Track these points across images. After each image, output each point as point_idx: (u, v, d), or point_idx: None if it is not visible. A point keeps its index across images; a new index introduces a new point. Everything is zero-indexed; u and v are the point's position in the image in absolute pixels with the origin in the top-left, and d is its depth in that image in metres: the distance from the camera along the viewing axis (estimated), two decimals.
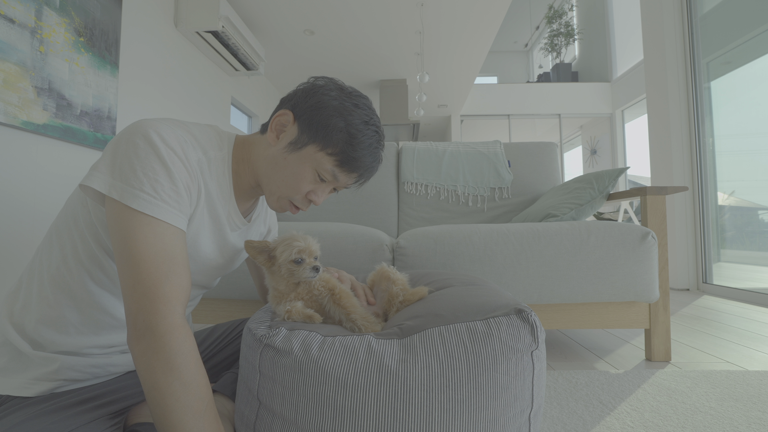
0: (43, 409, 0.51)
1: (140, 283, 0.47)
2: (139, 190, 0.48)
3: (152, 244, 0.48)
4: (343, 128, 0.61)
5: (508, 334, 0.49)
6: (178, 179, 0.52)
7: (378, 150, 0.67)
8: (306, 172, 0.62)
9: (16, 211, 1.78)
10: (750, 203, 2.66)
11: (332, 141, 0.61)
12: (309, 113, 0.61)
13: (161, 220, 0.49)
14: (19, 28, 1.70)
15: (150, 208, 0.48)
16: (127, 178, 0.49)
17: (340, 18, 3.82)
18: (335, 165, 0.62)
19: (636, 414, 0.89)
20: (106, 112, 2.25)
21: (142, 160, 0.50)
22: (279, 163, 0.63)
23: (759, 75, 2.51)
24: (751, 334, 1.59)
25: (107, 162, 0.51)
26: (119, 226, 0.49)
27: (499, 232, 1.20)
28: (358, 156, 0.63)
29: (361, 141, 0.62)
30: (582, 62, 7.48)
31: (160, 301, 0.46)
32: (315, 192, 0.65)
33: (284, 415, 0.49)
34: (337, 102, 0.62)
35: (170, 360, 0.45)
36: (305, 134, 0.62)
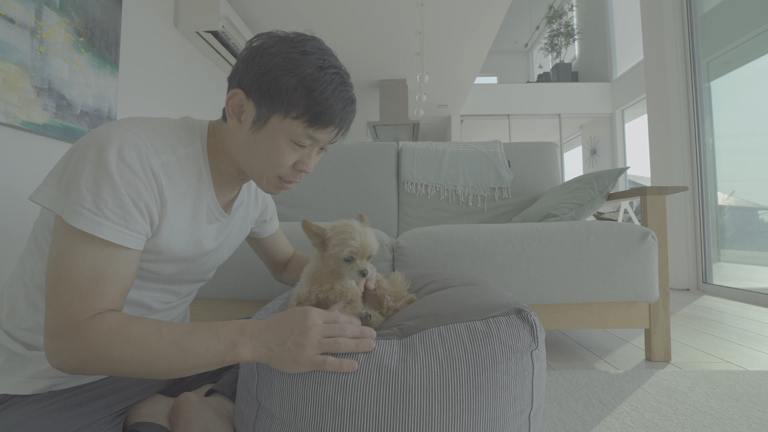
0: (43, 407, 0.50)
1: (61, 300, 0.46)
2: (80, 207, 0.47)
3: (80, 262, 0.47)
4: (297, 84, 0.54)
5: (507, 334, 0.49)
6: (125, 195, 0.49)
7: (345, 92, 0.59)
8: (281, 145, 0.58)
9: (16, 211, 1.78)
10: (750, 203, 2.66)
11: (292, 103, 0.55)
12: (257, 83, 0.55)
13: (98, 238, 0.48)
14: (19, 28, 1.70)
15: (89, 226, 0.47)
16: (71, 193, 0.48)
17: (339, 18, 3.82)
18: (306, 127, 0.57)
19: (636, 414, 0.89)
20: (106, 112, 2.25)
21: (87, 175, 0.48)
22: (251, 147, 0.59)
23: (759, 75, 2.51)
24: (751, 334, 1.59)
25: (56, 174, 0.50)
26: (55, 240, 0.48)
27: (499, 232, 1.20)
28: (325, 108, 0.56)
29: (323, 90, 0.55)
30: (582, 62, 7.48)
31: (75, 314, 0.46)
32: (301, 161, 0.61)
33: (283, 417, 0.49)
34: (280, 58, 0.55)
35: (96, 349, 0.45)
36: (263, 107, 0.56)
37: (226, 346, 0.47)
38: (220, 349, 0.47)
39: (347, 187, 1.81)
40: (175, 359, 0.46)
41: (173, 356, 0.46)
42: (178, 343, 0.46)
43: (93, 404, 0.55)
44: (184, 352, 0.46)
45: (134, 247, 0.52)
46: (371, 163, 1.86)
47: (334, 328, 0.49)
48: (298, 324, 0.48)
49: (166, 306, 0.68)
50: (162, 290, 0.66)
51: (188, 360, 0.46)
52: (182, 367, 0.47)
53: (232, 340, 0.47)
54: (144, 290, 0.62)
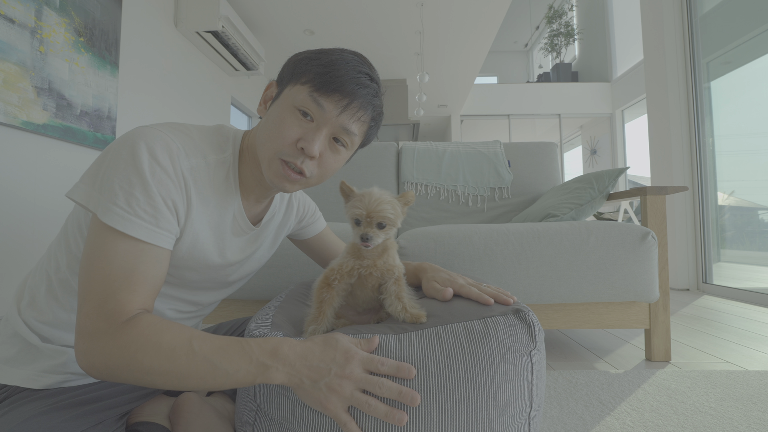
0: (53, 404, 0.50)
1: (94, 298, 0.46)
2: (113, 204, 0.47)
3: (112, 260, 0.47)
4: (306, 57, 0.58)
5: (505, 334, 0.49)
6: (156, 194, 0.50)
7: (358, 64, 0.58)
8: (287, 115, 0.56)
9: (16, 210, 1.78)
10: (750, 203, 2.67)
11: (303, 71, 0.57)
12: (284, 70, 0.60)
13: (130, 236, 0.48)
14: (19, 28, 1.70)
15: (121, 223, 0.47)
16: (104, 190, 0.48)
17: (339, 18, 3.82)
18: (312, 90, 0.55)
19: (636, 414, 0.89)
20: (106, 112, 2.25)
21: (121, 173, 0.49)
22: (262, 125, 0.60)
23: (759, 75, 2.51)
24: (751, 334, 1.59)
25: (92, 172, 0.51)
26: (90, 237, 0.49)
27: (499, 232, 1.20)
28: (332, 71, 0.55)
29: (335, 60, 0.56)
30: (582, 62, 7.48)
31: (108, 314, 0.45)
32: (304, 138, 0.56)
33: (281, 421, 0.49)
34: (308, 51, 0.60)
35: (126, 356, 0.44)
36: (281, 85, 0.60)
37: (257, 369, 0.45)
38: (251, 370, 0.44)
39: None
40: (205, 376, 0.44)
41: (203, 373, 0.44)
42: (209, 360, 0.44)
43: (100, 404, 0.55)
44: (215, 370, 0.44)
45: (165, 246, 0.52)
46: (371, 163, 1.86)
47: (371, 383, 0.45)
48: (337, 365, 0.45)
49: (180, 315, 0.67)
50: (180, 299, 0.64)
51: (218, 378, 0.44)
52: (211, 384, 0.45)
53: (264, 363, 0.45)
54: (161, 296, 0.61)
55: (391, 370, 0.46)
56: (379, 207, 0.57)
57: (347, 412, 0.45)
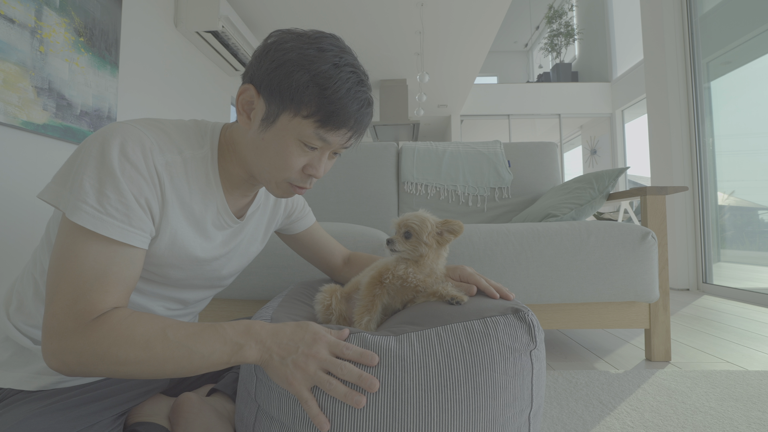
0: (48, 405, 0.50)
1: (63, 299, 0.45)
2: (83, 203, 0.46)
3: (83, 260, 0.46)
4: (310, 81, 0.51)
5: (505, 334, 0.49)
6: (128, 192, 0.49)
7: (361, 92, 0.55)
8: (290, 146, 0.55)
9: (16, 210, 1.78)
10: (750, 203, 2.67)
11: (303, 101, 0.52)
12: (268, 78, 0.52)
13: (101, 235, 0.47)
14: (19, 28, 1.70)
15: (92, 222, 0.46)
16: (75, 189, 0.47)
17: (339, 18, 3.82)
18: (317, 127, 0.53)
19: (636, 414, 0.89)
20: (106, 112, 2.25)
21: (91, 172, 0.47)
22: (259, 146, 0.56)
23: (759, 75, 2.51)
24: (751, 334, 1.59)
25: (63, 172, 0.50)
26: (59, 237, 0.48)
27: (499, 232, 1.20)
28: (338, 108, 0.52)
29: (337, 88, 0.52)
30: (582, 62, 7.48)
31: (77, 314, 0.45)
32: (311, 165, 0.57)
33: (282, 420, 0.49)
34: (295, 53, 0.52)
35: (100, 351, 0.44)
36: (273, 104, 0.53)
37: (232, 348, 0.47)
38: (225, 350, 0.46)
39: (347, 187, 1.81)
40: (181, 361, 0.46)
41: (179, 359, 0.46)
42: (184, 345, 0.46)
43: (96, 404, 0.55)
44: (191, 354, 0.46)
45: (139, 246, 0.51)
46: (371, 163, 1.86)
47: (334, 364, 0.47)
48: (305, 344, 0.47)
49: (171, 313, 0.67)
50: (167, 298, 0.64)
51: (194, 362, 0.46)
52: (188, 369, 0.46)
53: (237, 342, 0.47)
54: (148, 296, 0.61)
55: (354, 356, 0.48)
56: (407, 218, 0.64)
57: (310, 391, 0.46)
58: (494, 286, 0.65)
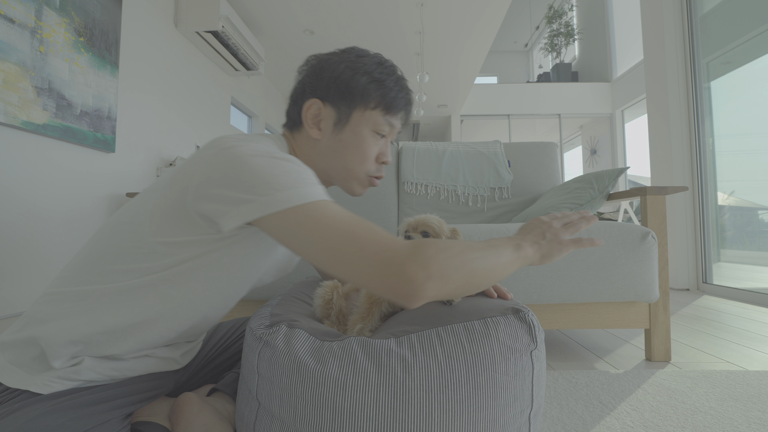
0: (59, 403, 0.50)
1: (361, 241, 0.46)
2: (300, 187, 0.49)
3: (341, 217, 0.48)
4: (368, 80, 0.63)
5: (506, 334, 0.49)
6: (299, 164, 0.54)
7: (402, 79, 0.68)
8: (366, 137, 0.64)
9: (16, 210, 1.78)
10: (750, 203, 2.67)
11: (369, 96, 0.63)
12: (333, 88, 0.63)
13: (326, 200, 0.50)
14: (19, 28, 1.70)
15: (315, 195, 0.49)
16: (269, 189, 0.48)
17: (339, 18, 3.82)
18: (384, 114, 0.65)
19: (636, 414, 0.89)
20: (106, 111, 2.25)
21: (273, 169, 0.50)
22: (337, 148, 0.64)
23: (759, 75, 2.51)
24: (751, 334, 1.59)
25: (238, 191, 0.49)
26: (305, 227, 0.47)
27: (499, 232, 1.20)
28: (394, 95, 0.65)
29: (389, 81, 0.65)
30: (582, 62, 7.48)
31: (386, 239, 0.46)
32: (382, 153, 0.68)
33: (283, 417, 0.49)
34: (344, 65, 0.63)
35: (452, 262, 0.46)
36: (343, 107, 0.63)
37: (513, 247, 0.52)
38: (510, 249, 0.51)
39: None
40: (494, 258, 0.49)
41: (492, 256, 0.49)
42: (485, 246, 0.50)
43: (105, 404, 0.54)
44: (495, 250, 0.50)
45: None
46: None
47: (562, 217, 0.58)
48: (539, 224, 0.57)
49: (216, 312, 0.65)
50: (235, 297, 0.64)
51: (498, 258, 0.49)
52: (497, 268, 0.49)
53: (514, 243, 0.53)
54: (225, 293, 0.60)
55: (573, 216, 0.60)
56: (426, 219, 0.67)
57: None
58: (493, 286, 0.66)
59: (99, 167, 2.24)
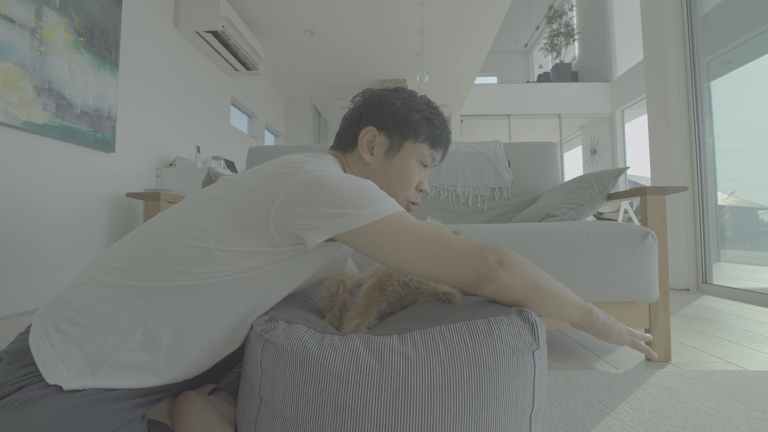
0: (86, 396, 0.49)
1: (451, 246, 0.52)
2: (378, 203, 0.55)
3: (422, 226, 0.55)
4: (420, 118, 0.73)
5: (509, 333, 0.49)
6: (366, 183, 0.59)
7: (446, 121, 0.78)
8: (413, 166, 0.73)
9: (16, 210, 1.78)
10: (750, 203, 2.67)
11: (420, 131, 0.73)
12: (390, 120, 0.72)
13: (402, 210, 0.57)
14: (19, 28, 1.70)
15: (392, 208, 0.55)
16: (361, 203, 0.54)
17: (340, 18, 3.82)
18: (430, 147, 0.74)
19: (636, 414, 0.89)
20: (106, 111, 2.25)
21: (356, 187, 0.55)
22: (386, 173, 0.73)
23: (759, 75, 2.51)
24: (751, 334, 1.59)
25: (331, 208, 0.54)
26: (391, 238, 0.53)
27: (499, 232, 1.20)
28: (439, 132, 0.75)
29: (437, 120, 0.75)
30: (582, 62, 7.48)
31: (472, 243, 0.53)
32: (422, 181, 0.77)
33: (285, 413, 0.49)
34: (400, 102, 0.73)
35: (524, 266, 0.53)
36: (396, 136, 0.72)
37: (581, 303, 0.57)
38: (580, 302, 0.57)
39: None
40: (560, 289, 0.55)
41: (560, 288, 0.55)
42: (560, 284, 0.56)
43: (127, 402, 0.53)
44: (567, 290, 0.56)
45: None
46: None
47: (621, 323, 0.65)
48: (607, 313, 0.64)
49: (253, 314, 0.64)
50: None
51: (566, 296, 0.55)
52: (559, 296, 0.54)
53: (585, 303, 0.58)
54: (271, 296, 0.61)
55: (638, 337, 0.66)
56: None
57: None
58: None
59: (99, 167, 2.24)
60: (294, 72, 5.15)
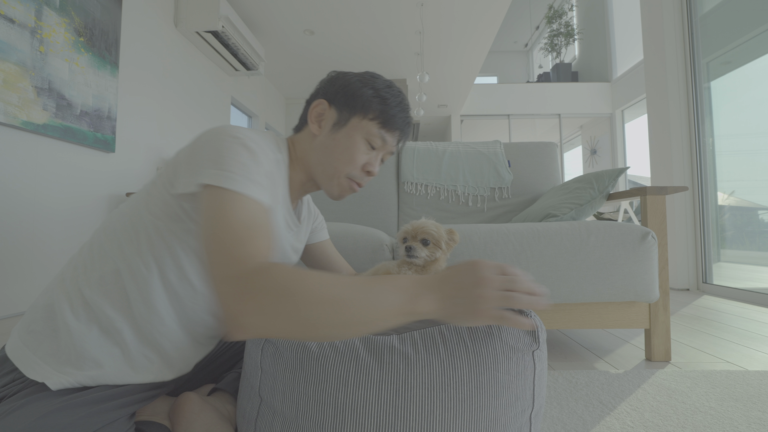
0: (68, 401, 0.49)
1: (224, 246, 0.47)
2: (231, 173, 0.52)
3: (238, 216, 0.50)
4: (374, 94, 0.69)
5: (509, 334, 0.49)
6: (264, 165, 0.57)
7: (407, 106, 0.73)
8: (358, 143, 0.69)
9: (16, 210, 1.78)
10: (750, 203, 2.67)
11: (370, 107, 0.68)
12: (341, 93, 0.69)
13: (249, 197, 0.52)
14: (19, 28, 1.70)
15: (240, 187, 0.51)
16: (218, 164, 0.52)
17: (340, 18, 3.81)
18: (379, 127, 0.69)
19: (636, 414, 0.89)
20: (106, 111, 2.25)
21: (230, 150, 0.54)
22: (329, 146, 0.69)
23: (759, 75, 2.51)
24: (751, 334, 1.59)
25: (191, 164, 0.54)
26: (211, 206, 0.51)
27: (499, 232, 1.20)
28: (394, 113, 0.70)
29: (392, 100, 0.70)
30: (582, 62, 7.48)
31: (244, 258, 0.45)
32: (370, 162, 0.71)
33: (285, 413, 0.49)
34: (357, 77, 0.70)
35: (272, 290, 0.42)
36: (345, 110, 0.69)
37: (407, 296, 0.43)
38: (401, 298, 0.43)
39: None
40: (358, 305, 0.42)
41: (357, 302, 0.42)
42: (359, 288, 0.42)
43: (112, 402, 0.54)
44: (368, 294, 0.42)
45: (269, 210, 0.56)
46: None
47: (507, 281, 0.44)
48: (469, 276, 0.44)
49: None
50: None
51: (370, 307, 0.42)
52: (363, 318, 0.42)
53: (414, 291, 0.44)
54: None
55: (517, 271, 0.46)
56: (423, 226, 0.68)
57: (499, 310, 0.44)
58: None
59: (99, 167, 2.24)
60: (294, 72, 5.15)
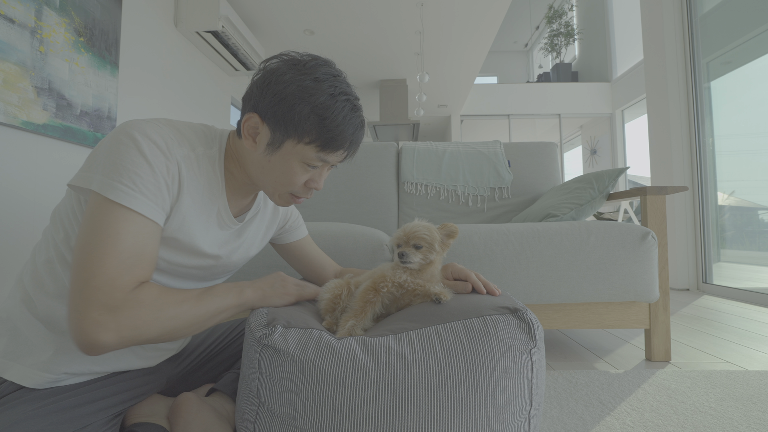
0: (42, 407, 0.50)
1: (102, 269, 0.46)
2: (118, 182, 0.49)
3: (124, 238, 0.48)
4: (310, 112, 0.57)
5: (505, 332, 0.49)
6: (158, 173, 0.52)
7: (355, 117, 0.62)
8: (294, 167, 0.61)
9: (16, 210, 1.78)
10: (750, 203, 2.66)
11: (305, 130, 0.58)
12: (272, 109, 0.58)
13: (135, 212, 0.49)
14: (19, 28, 1.70)
15: (127, 200, 0.49)
16: (108, 171, 0.50)
17: (340, 18, 3.82)
18: (318, 151, 0.60)
19: (636, 414, 0.89)
20: (106, 112, 2.25)
21: (123, 155, 0.50)
22: (265, 166, 0.62)
23: (759, 75, 2.51)
24: (751, 334, 1.59)
25: (91, 160, 0.53)
26: (93, 216, 0.49)
27: (499, 232, 1.20)
28: (336, 133, 0.60)
29: (334, 117, 0.59)
30: (582, 62, 7.48)
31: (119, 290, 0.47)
32: (312, 179, 0.65)
33: (283, 415, 0.49)
34: (294, 86, 0.57)
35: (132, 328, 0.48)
36: (278, 132, 0.59)
37: (237, 292, 0.61)
38: (233, 294, 0.60)
39: (347, 187, 1.81)
40: (208, 306, 0.56)
41: (206, 304, 0.56)
42: (205, 296, 0.57)
43: (90, 406, 0.55)
44: (213, 298, 0.57)
45: (161, 224, 0.54)
46: (371, 163, 1.86)
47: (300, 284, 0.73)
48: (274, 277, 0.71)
49: None
50: None
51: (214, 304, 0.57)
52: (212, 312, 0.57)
53: (240, 288, 0.62)
54: None
55: None
56: (414, 230, 0.66)
57: None
58: (482, 281, 0.69)
59: None
60: None
